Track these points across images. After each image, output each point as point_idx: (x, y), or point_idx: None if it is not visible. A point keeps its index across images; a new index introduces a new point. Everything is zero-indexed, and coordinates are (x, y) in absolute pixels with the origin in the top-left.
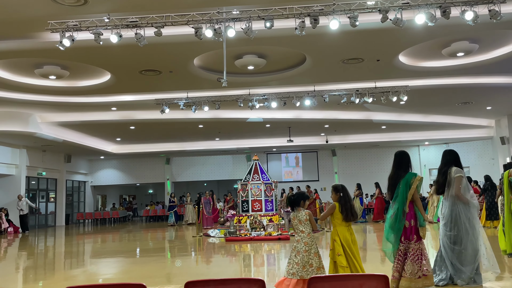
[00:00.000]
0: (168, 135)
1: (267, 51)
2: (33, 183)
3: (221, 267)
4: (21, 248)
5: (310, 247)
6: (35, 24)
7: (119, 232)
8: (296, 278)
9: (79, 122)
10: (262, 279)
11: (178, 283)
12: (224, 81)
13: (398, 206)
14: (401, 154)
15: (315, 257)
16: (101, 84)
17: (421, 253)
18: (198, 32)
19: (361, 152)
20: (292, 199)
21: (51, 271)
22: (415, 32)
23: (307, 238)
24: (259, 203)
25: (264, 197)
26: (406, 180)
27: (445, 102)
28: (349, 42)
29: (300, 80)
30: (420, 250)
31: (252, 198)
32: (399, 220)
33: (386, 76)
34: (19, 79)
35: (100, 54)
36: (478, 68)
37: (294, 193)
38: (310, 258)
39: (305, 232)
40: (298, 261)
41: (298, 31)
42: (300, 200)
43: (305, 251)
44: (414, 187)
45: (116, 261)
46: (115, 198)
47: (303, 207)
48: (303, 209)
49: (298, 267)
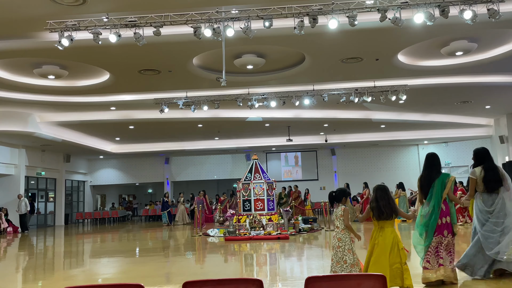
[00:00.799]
0: (167, 135)
1: (266, 51)
2: (32, 183)
3: (220, 267)
4: (20, 248)
5: (343, 243)
6: (33, 23)
7: (118, 232)
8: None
9: (78, 121)
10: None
11: (176, 283)
12: (223, 81)
13: (434, 204)
14: (433, 156)
15: (349, 254)
16: (100, 84)
17: (452, 247)
18: (197, 32)
19: (360, 151)
20: (334, 195)
21: (50, 271)
22: (414, 31)
23: (341, 234)
24: (261, 202)
25: (267, 196)
26: (442, 180)
27: (444, 101)
28: (348, 42)
29: (299, 79)
30: (452, 245)
31: (254, 198)
32: (434, 217)
33: (385, 75)
34: (18, 79)
35: (99, 53)
36: (477, 67)
37: (336, 190)
38: (344, 254)
39: (339, 227)
40: (332, 257)
41: (297, 31)
42: (341, 197)
43: (338, 246)
44: (449, 186)
45: (115, 261)
46: (114, 197)
47: (345, 204)
48: (342, 205)
49: (332, 263)
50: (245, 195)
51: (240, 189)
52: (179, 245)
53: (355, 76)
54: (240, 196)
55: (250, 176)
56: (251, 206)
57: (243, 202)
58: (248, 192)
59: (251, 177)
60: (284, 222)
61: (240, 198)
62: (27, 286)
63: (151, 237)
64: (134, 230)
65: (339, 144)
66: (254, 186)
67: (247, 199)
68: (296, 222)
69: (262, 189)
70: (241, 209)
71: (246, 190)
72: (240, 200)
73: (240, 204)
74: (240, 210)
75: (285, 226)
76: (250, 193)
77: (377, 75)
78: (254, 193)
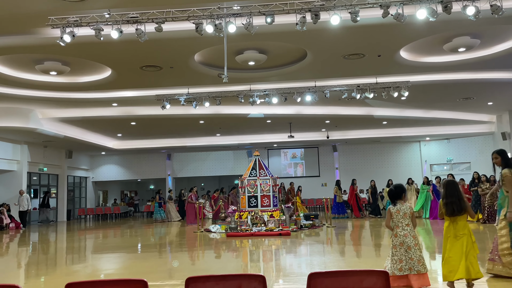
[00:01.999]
0: (169, 131)
1: (268, 47)
2: (35, 179)
3: (222, 263)
4: (23, 244)
5: (417, 240)
6: (35, 20)
7: (120, 228)
8: (404, 274)
9: (80, 118)
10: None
11: (179, 278)
12: (225, 77)
13: None
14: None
15: (418, 251)
16: (102, 80)
17: None
18: (198, 28)
19: (362, 147)
20: (394, 192)
21: (53, 267)
22: (417, 27)
23: (414, 232)
24: (267, 199)
25: (272, 193)
26: None
27: (446, 97)
28: (350, 38)
29: (301, 75)
30: None
31: (261, 194)
32: None
33: (387, 72)
34: (20, 75)
35: (100, 50)
36: (480, 63)
37: (395, 186)
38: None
39: (410, 225)
40: (411, 256)
41: (299, 27)
42: (402, 193)
43: (416, 244)
44: None
45: (117, 257)
46: (116, 193)
47: (405, 200)
48: (406, 202)
49: (413, 262)
50: (251, 191)
51: (246, 185)
52: (180, 241)
53: (357, 72)
54: (245, 192)
55: (256, 172)
56: (257, 202)
57: (248, 198)
58: (255, 188)
59: (257, 173)
60: (286, 219)
61: (245, 194)
62: (29, 282)
63: (153, 233)
64: (136, 226)
65: (341, 140)
66: (261, 182)
67: (253, 195)
68: (297, 218)
69: (268, 185)
70: (246, 205)
71: (253, 186)
72: (245, 196)
73: (245, 200)
74: (245, 206)
75: (287, 223)
76: (256, 189)
77: (379, 72)
78: (261, 189)
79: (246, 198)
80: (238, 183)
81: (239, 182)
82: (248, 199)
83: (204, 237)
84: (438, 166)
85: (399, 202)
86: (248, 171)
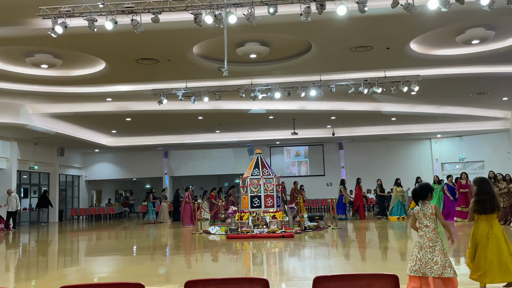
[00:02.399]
0: (166, 127)
1: (270, 39)
2: (25, 178)
3: (222, 266)
4: (13, 246)
5: (434, 243)
6: (25, 10)
7: (115, 229)
8: (418, 275)
9: (72, 113)
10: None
11: (177, 282)
12: (225, 70)
13: None
14: None
15: (441, 255)
16: (95, 74)
17: None
18: (197, 19)
19: (369, 145)
20: (419, 192)
21: (44, 270)
22: (428, 18)
23: (432, 233)
24: (271, 199)
25: (276, 193)
26: None
27: (459, 92)
28: (357, 29)
29: (305, 69)
30: None
31: (265, 194)
32: None
33: (396, 65)
34: (9, 68)
35: (94, 41)
36: (494, 56)
37: (420, 185)
38: (435, 255)
39: (430, 227)
40: (420, 257)
41: (303, 17)
42: (427, 193)
43: (429, 246)
44: None
45: (113, 259)
46: (110, 193)
47: (430, 200)
48: (429, 202)
49: (421, 263)
50: (254, 191)
51: (248, 185)
52: (178, 243)
53: (365, 65)
54: (247, 192)
55: (258, 171)
56: (261, 203)
57: (251, 198)
58: (258, 188)
59: (260, 172)
60: (289, 220)
61: (247, 194)
62: (19, 286)
63: (150, 235)
64: (131, 227)
65: (347, 137)
66: (264, 182)
67: (257, 195)
68: (301, 219)
69: (272, 184)
70: (248, 206)
71: (256, 186)
72: (247, 196)
73: (247, 200)
74: (247, 206)
75: (290, 224)
76: (260, 189)
77: (388, 65)
78: (264, 189)
79: (248, 198)
80: (239, 182)
81: (240, 181)
82: (250, 199)
83: (203, 239)
84: (450, 165)
85: (422, 202)
86: (249, 169)
